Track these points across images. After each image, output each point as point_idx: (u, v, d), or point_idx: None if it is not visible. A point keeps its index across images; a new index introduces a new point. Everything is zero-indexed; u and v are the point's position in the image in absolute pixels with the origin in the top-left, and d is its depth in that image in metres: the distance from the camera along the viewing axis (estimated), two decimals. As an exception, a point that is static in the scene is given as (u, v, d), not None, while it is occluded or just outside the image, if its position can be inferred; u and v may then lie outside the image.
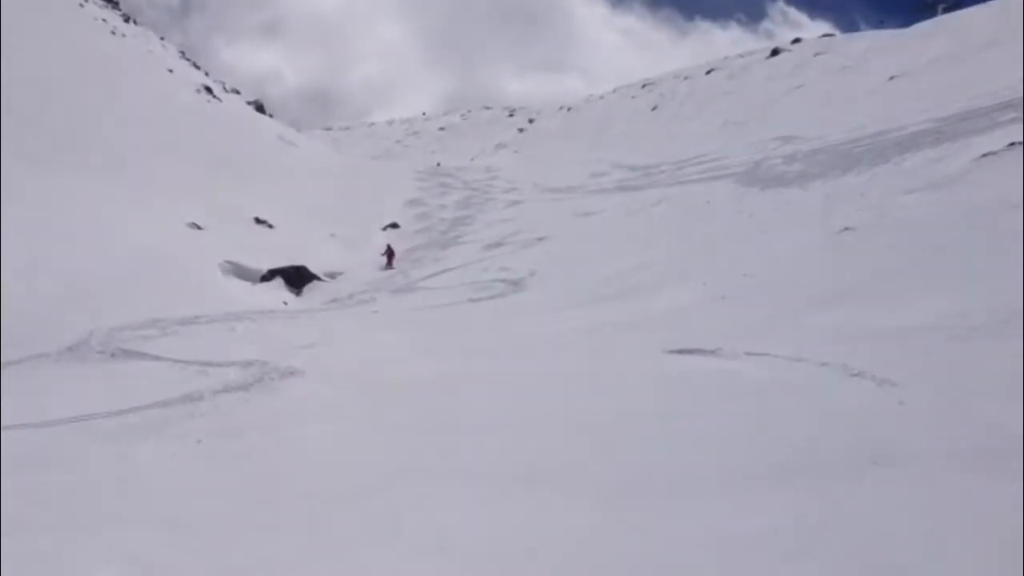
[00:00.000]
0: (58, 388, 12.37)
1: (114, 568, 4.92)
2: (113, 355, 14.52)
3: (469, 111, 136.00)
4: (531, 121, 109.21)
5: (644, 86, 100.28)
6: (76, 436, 9.01)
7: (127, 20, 76.18)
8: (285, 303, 25.57)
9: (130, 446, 8.22)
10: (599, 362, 11.31)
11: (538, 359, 12.21)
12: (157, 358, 14.00)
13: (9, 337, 16.34)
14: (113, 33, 66.55)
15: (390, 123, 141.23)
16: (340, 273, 30.52)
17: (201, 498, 6.57)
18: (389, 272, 31.42)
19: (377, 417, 9.14)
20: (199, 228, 35.09)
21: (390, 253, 33.19)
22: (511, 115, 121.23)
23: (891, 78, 46.73)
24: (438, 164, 71.63)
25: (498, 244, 30.77)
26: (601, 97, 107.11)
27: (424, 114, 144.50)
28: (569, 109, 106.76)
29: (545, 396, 9.50)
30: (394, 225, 40.34)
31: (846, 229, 16.47)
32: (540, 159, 67.42)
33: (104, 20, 68.52)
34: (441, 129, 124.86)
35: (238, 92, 78.48)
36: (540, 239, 29.27)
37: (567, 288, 19.71)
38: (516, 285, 21.87)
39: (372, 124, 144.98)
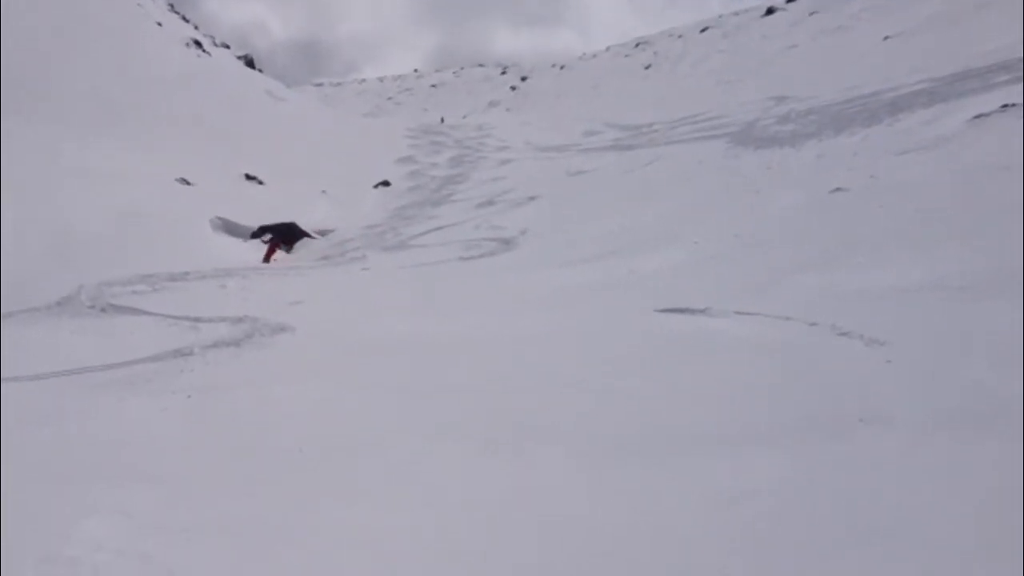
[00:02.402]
0: (48, 342, 12.37)
1: (98, 520, 4.93)
2: (103, 310, 14.49)
3: (462, 68, 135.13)
4: (524, 79, 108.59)
5: (638, 44, 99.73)
6: (66, 389, 9.02)
7: (115, -28, 74.98)
8: (275, 260, 25.50)
9: (120, 400, 8.22)
10: (589, 320, 11.32)
11: (528, 317, 12.21)
12: (147, 313, 13.98)
13: (6, 290, 16.34)
14: (100, -15, 65.57)
15: (381, 80, 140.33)
16: (331, 230, 30.42)
17: (190, 452, 6.58)
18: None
19: (367, 374, 9.14)
20: (188, 184, 34.90)
21: (272, 246, 27.07)
22: (504, 73, 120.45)
23: (885, 38, 46.54)
24: (442, 120, 71.27)
25: (490, 202, 30.66)
26: (594, 55, 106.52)
27: (416, 71, 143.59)
28: (562, 67, 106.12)
29: (534, 354, 9.51)
30: (385, 183, 40.16)
31: (838, 189, 16.43)
32: (533, 117, 67.05)
33: (91, -29, 67.46)
34: (433, 86, 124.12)
35: (228, 47, 77.70)
36: (532, 198, 29.17)
37: (559, 247, 19.67)
38: (507, 244, 21.82)
39: (363, 81, 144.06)
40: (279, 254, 26.71)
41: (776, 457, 5.47)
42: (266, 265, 23.74)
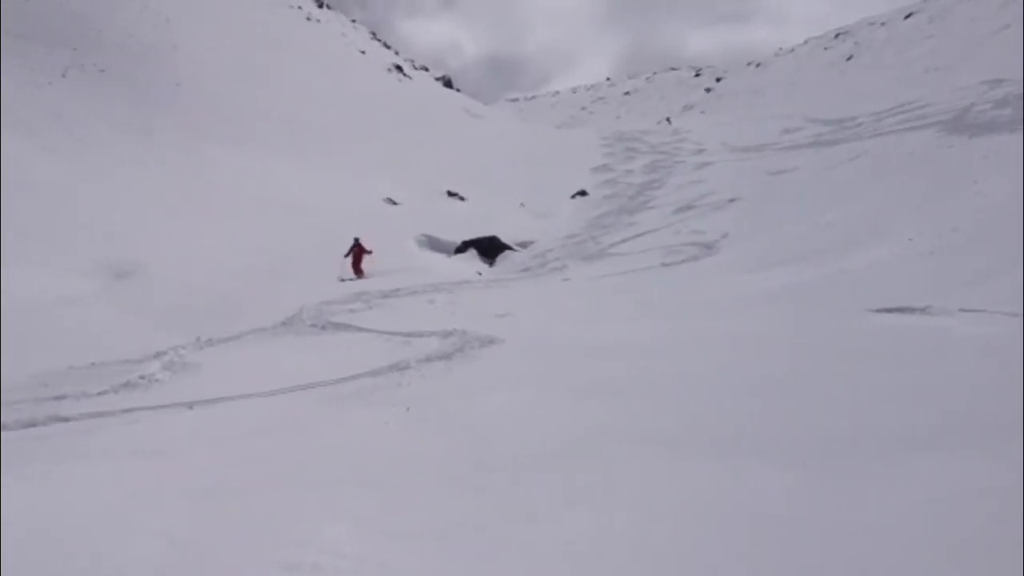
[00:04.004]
0: (275, 360, 13.19)
1: (340, 526, 5.23)
2: (323, 328, 15.34)
3: (655, 73, 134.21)
4: (718, 80, 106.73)
5: (838, 35, 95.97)
6: (295, 404, 9.61)
7: (320, 5, 79.26)
8: (479, 273, 26.18)
9: (346, 413, 8.70)
10: (798, 322, 11.05)
11: (733, 321, 12.04)
12: (364, 330, 14.69)
13: (231, 310, 17.56)
14: (308, 19, 69.48)
15: (574, 90, 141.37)
16: (531, 242, 30.93)
17: (414, 462, 6.87)
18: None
19: (573, 383, 9.26)
20: (395, 203, 36.38)
21: (358, 255, 25.71)
22: (697, 75, 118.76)
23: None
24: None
25: (688, 207, 30.34)
26: (791, 50, 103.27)
27: (608, 79, 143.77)
28: (758, 65, 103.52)
29: (740, 358, 9.38)
30: (582, 192, 40.45)
31: (1068, 176, 15.31)
32: (729, 118, 65.77)
33: (299, 7, 71.54)
34: (626, 94, 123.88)
35: (427, 69, 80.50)
36: (732, 200, 28.66)
37: (762, 249, 19.26)
38: (709, 248, 21.55)
39: (556, 93, 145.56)
40: (364, 261, 25.64)
41: (1002, 461, 5.17)
42: (470, 279, 24.31)
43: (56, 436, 8.24)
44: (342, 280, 23.51)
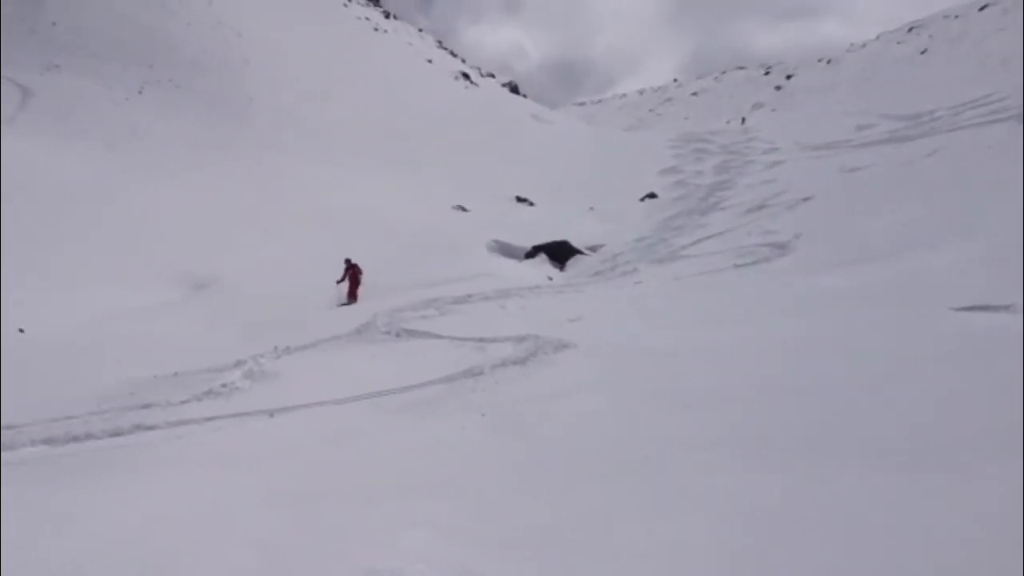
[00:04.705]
0: (352, 367, 13.35)
1: (420, 533, 5.27)
2: (397, 335, 15.48)
3: (723, 72, 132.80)
4: (788, 77, 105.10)
5: (911, 29, 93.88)
6: (372, 411, 9.72)
7: (387, 16, 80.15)
8: (550, 278, 26.20)
9: (422, 419, 8.78)
10: (878, 323, 10.83)
11: (810, 322, 11.86)
12: (437, 336, 14.80)
13: (306, 318, 17.83)
14: (376, 30, 70.32)
15: (641, 92, 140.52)
16: (601, 245, 30.82)
17: (491, 467, 6.91)
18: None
19: (648, 387, 9.22)
20: (465, 210, 36.61)
21: (353, 276, 23.23)
22: (767, 73, 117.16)
23: None
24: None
25: (760, 207, 29.94)
26: (863, 45, 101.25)
27: (676, 80, 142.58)
28: (829, 61, 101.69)
29: (819, 360, 9.23)
30: (652, 195, 40.23)
31: None
32: (800, 116, 64.81)
33: (367, 18, 72.43)
34: (694, 94, 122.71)
35: (493, 76, 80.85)
36: (805, 199, 28.20)
37: (838, 248, 18.92)
38: (782, 248, 21.25)
39: (624, 95, 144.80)
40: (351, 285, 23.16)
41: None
42: (541, 284, 24.28)
43: (143, 444, 8.46)
44: (340, 306, 21.69)
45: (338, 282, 22.99)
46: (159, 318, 19.16)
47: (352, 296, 22.64)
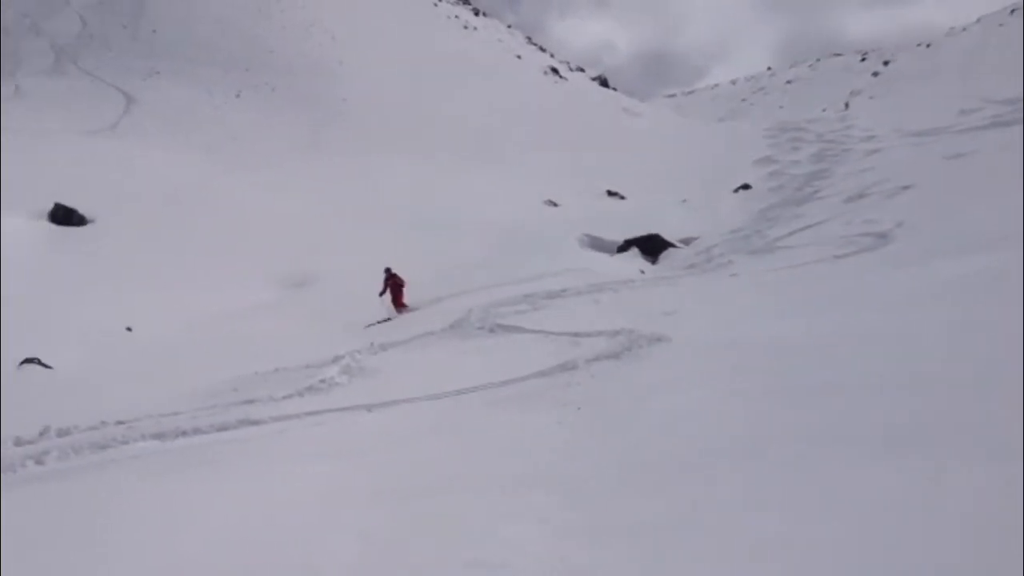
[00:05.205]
0: (447, 362, 13.49)
1: (521, 526, 5.31)
2: (492, 330, 15.58)
3: (817, 60, 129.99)
4: (886, 63, 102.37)
5: (1013, 11, 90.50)
6: (468, 405, 9.81)
7: (476, 13, 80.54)
8: (642, 272, 26.00)
9: (519, 413, 8.83)
10: (984, 315, 10.47)
11: (915, 313, 11.52)
12: (531, 331, 14.84)
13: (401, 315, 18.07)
14: (465, 27, 70.79)
15: (734, 82, 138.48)
16: (694, 238, 30.48)
17: (587, 460, 6.91)
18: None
19: (746, 381, 9.08)
20: (555, 205, 36.61)
21: (395, 285, 22.28)
22: (863, 59, 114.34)
23: None
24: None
25: (860, 196, 29.21)
26: (964, 29, 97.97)
27: (769, 69, 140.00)
28: (928, 46, 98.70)
29: (927, 352, 8.97)
30: (745, 186, 39.62)
31: None
32: (900, 102, 63.04)
33: (456, 16, 72.97)
34: (788, 83, 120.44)
35: (582, 70, 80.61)
36: (906, 187, 27.41)
37: (941, 237, 18.35)
38: (883, 238, 20.69)
39: (715, 86, 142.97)
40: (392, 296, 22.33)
41: None
42: (633, 278, 24.09)
43: (248, 438, 8.70)
44: (387, 320, 20.63)
45: (380, 294, 21.92)
46: (259, 316, 19.65)
47: (400, 305, 21.74)
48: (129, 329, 19.03)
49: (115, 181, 31.57)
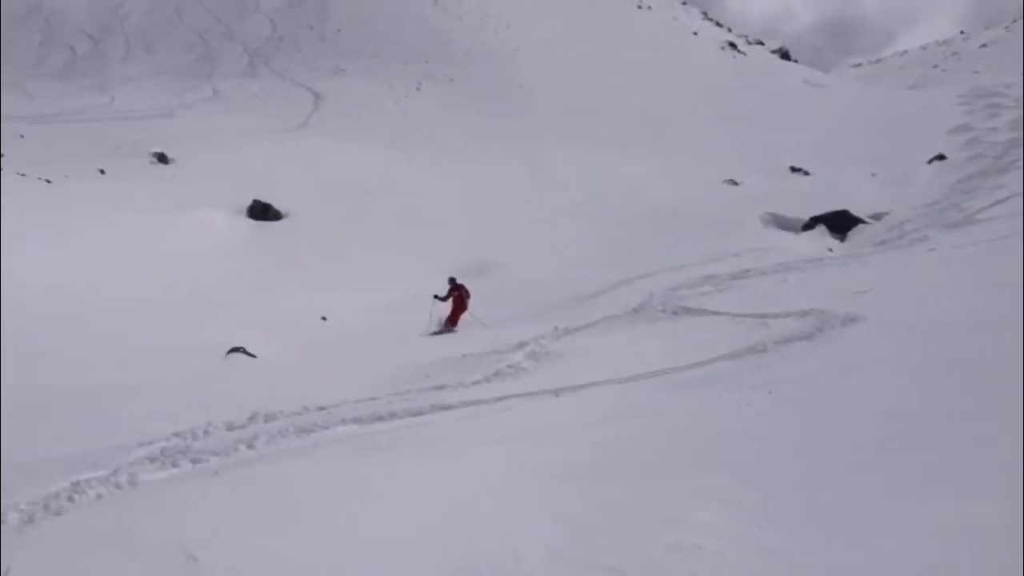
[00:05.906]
0: (631, 345, 13.46)
1: (714, 509, 5.27)
2: (675, 313, 15.42)
3: (1014, 21, 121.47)
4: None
5: None
6: (656, 388, 9.77)
7: (649, -8, 79.50)
8: (830, 250, 25.09)
9: (708, 396, 8.73)
10: None
11: None
12: (716, 313, 14.60)
13: (584, 299, 18.14)
14: (639, 7, 70.10)
15: (924, 48, 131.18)
16: (885, 213, 29.12)
17: (778, 444, 6.77)
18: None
19: (946, 362, 8.62)
20: (736, 184, 35.79)
21: (459, 299, 20.01)
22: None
23: None
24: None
25: (1070, 161, 27.19)
26: None
27: (962, 32, 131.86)
28: None
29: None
30: (940, 156, 37.54)
31: None
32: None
33: (630, -4, 72.26)
34: (983, 46, 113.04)
35: (761, 43, 78.29)
36: None
37: None
38: (1102, 206, 19.20)
39: (904, 52, 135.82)
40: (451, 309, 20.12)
41: None
42: (821, 256, 23.25)
43: (441, 423, 8.96)
44: (434, 334, 18.91)
45: (441, 299, 19.98)
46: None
47: (453, 322, 19.63)
48: (324, 319, 19.91)
49: (306, 177, 33.07)
